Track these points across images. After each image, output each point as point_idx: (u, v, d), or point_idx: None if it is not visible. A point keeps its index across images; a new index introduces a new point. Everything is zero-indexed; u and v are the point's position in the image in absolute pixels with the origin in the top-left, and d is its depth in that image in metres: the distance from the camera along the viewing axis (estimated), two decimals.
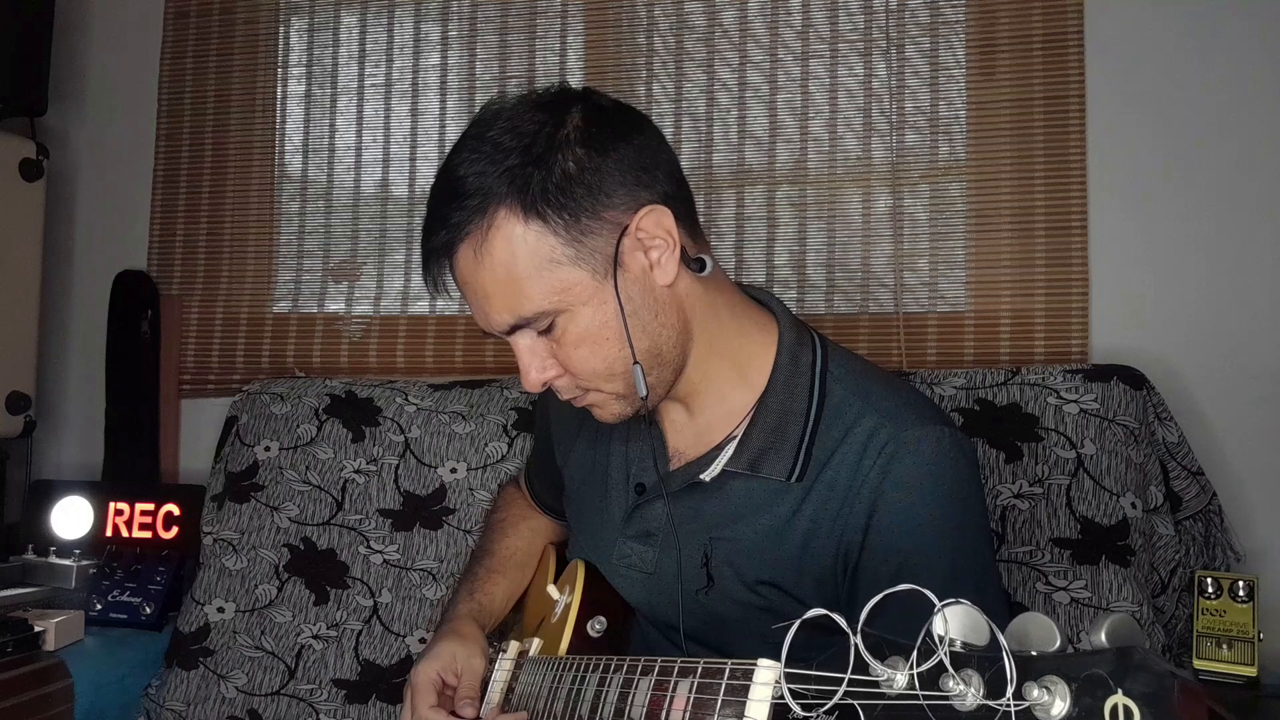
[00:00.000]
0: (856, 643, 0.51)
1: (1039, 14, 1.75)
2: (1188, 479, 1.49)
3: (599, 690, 0.85)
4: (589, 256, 0.89)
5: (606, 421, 0.99)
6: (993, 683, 0.47)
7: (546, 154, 0.88)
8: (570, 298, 0.89)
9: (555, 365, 0.94)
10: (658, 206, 0.91)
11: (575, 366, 0.93)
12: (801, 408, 0.97)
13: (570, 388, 0.96)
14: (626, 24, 1.94)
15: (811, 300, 1.83)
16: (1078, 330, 1.71)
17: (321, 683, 1.63)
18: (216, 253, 2.11)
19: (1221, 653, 1.37)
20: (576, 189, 0.88)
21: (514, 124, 0.91)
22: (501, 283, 0.89)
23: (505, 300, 0.90)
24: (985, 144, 1.77)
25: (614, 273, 0.90)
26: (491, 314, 0.91)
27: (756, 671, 0.63)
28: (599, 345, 0.91)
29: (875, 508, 0.91)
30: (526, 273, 0.88)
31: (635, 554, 1.05)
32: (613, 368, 0.93)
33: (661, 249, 0.92)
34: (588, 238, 0.89)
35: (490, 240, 0.88)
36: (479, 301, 0.92)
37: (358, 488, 1.72)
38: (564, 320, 0.90)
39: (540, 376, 0.94)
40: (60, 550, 1.83)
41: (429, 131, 2.03)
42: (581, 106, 0.92)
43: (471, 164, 0.90)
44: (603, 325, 0.91)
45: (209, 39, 2.13)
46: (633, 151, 0.92)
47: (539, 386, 0.95)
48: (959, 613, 0.50)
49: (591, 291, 0.90)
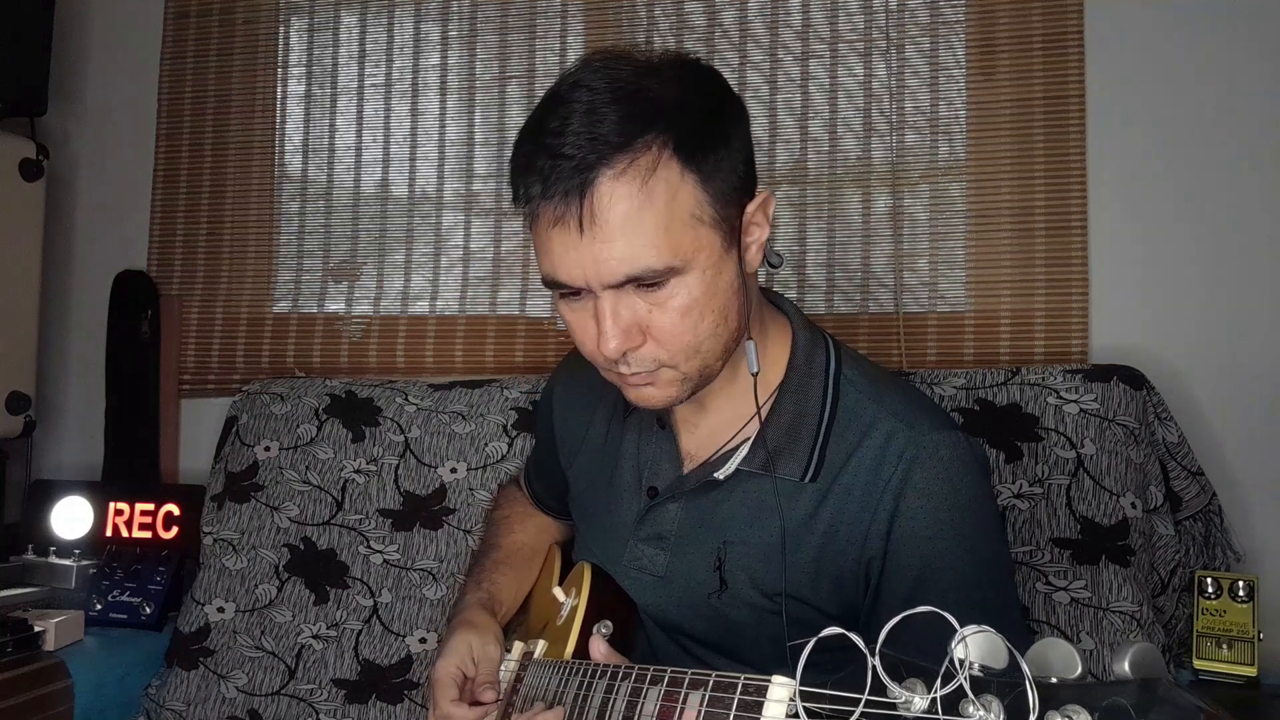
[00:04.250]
0: (875, 664, 0.50)
1: (1039, 14, 1.75)
2: (1188, 479, 1.49)
3: (606, 697, 0.84)
4: (722, 223, 0.88)
5: (650, 405, 0.95)
6: (1013, 709, 0.46)
7: (698, 111, 0.87)
8: (697, 260, 0.86)
9: (640, 333, 0.88)
10: (769, 193, 0.92)
11: (668, 336, 0.88)
12: (815, 408, 0.97)
13: (647, 360, 0.90)
14: (626, 24, 1.94)
15: (811, 300, 1.83)
16: (1078, 330, 1.71)
17: (321, 683, 1.63)
18: (216, 253, 2.11)
19: (1221, 653, 1.37)
20: (723, 152, 0.87)
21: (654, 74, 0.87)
22: (645, 227, 0.83)
23: (637, 246, 0.84)
24: (985, 144, 1.77)
25: (739, 245, 0.90)
26: (610, 260, 0.84)
27: (771, 689, 0.62)
28: (702, 316, 0.88)
29: (897, 513, 0.91)
30: (673, 223, 0.84)
31: (647, 557, 1.05)
32: (701, 343, 0.90)
33: (758, 235, 0.92)
34: (726, 205, 0.88)
35: (653, 181, 0.83)
36: (600, 245, 0.84)
37: (358, 488, 1.72)
38: (678, 283, 0.86)
39: (623, 344, 0.87)
40: (60, 550, 1.82)
41: (429, 131, 2.03)
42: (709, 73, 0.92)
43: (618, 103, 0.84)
44: (712, 296, 0.88)
45: (209, 39, 2.13)
46: (748, 132, 0.92)
47: (618, 354, 0.88)
48: (979, 635, 0.49)
49: (717, 257, 0.88)
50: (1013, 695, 0.46)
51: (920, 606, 0.51)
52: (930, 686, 0.49)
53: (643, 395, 0.94)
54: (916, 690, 0.49)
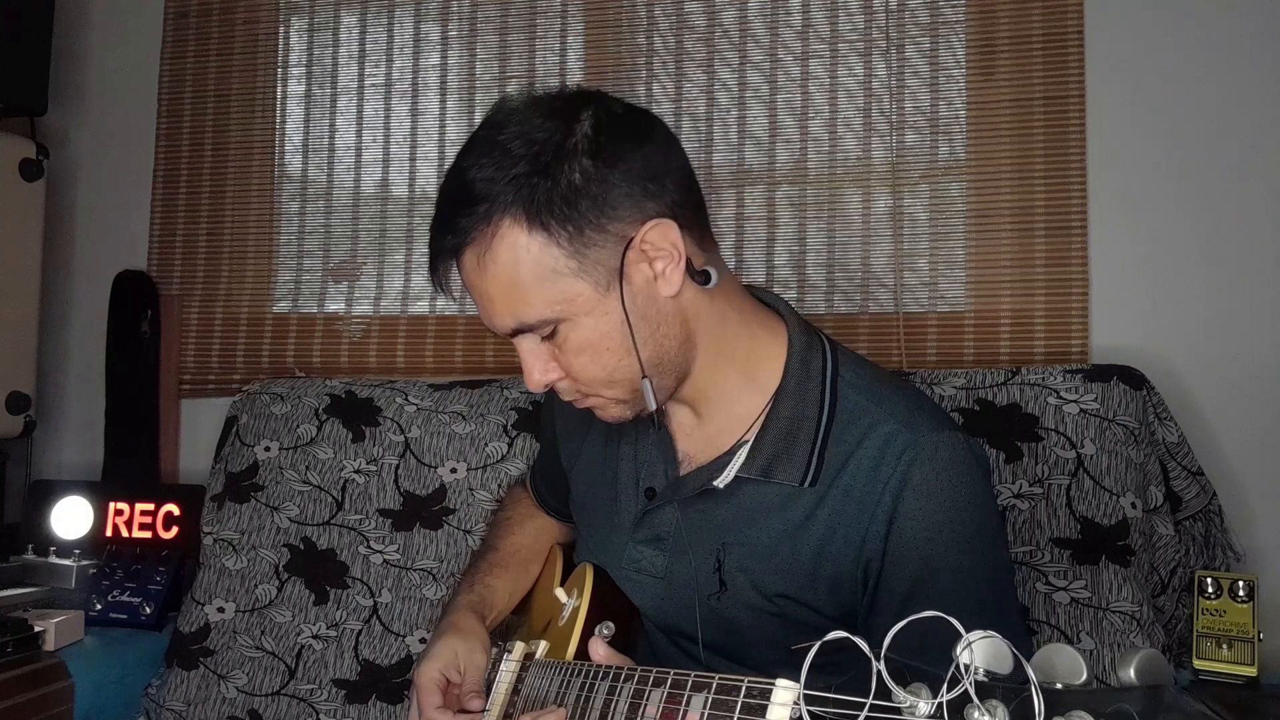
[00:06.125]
0: (880, 669, 0.50)
1: (1039, 14, 1.75)
2: (1188, 479, 1.49)
3: (609, 699, 0.84)
4: (592, 268, 0.89)
5: (611, 421, 1.00)
6: (1018, 715, 0.46)
7: (554, 164, 0.87)
8: (572, 308, 0.90)
9: (557, 369, 0.95)
10: (663, 220, 0.90)
11: (576, 373, 0.94)
12: (813, 412, 0.97)
13: (571, 390, 0.97)
14: (626, 24, 1.94)
15: (811, 300, 1.83)
16: (1078, 330, 1.71)
17: (321, 683, 1.63)
18: (216, 253, 2.11)
19: (1221, 653, 1.37)
20: (582, 201, 0.88)
21: (524, 129, 0.90)
22: (504, 289, 0.90)
23: (508, 306, 0.91)
24: (985, 144, 1.77)
25: (619, 286, 0.90)
26: (495, 317, 0.93)
27: (775, 692, 0.62)
28: (600, 354, 0.92)
29: (895, 514, 0.91)
30: (529, 282, 0.89)
31: (646, 558, 1.05)
32: (613, 375, 0.93)
33: (666, 261, 0.91)
34: (591, 250, 0.88)
35: (494, 248, 0.89)
36: (483, 304, 0.93)
37: (358, 488, 1.72)
38: (566, 328, 0.91)
39: (543, 379, 0.95)
40: (60, 550, 1.82)
41: (429, 131, 2.03)
42: (592, 113, 0.91)
43: (481, 169, 0.90)
44: (604, 335, 0.91)
45: (209, 39, 2.13)
46: (640, 162, 0.91)
47: (541, 388, 0.96)
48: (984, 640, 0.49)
49: (594, 303, 0.90)
50: (1018, 700, 0.46)
51: (919, 608, 0.51)
52: (935, 691, 0.49)
53: (597, 414, 1.00)
54: (921, 695, 0.49)
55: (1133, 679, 0.46)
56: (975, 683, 0.48)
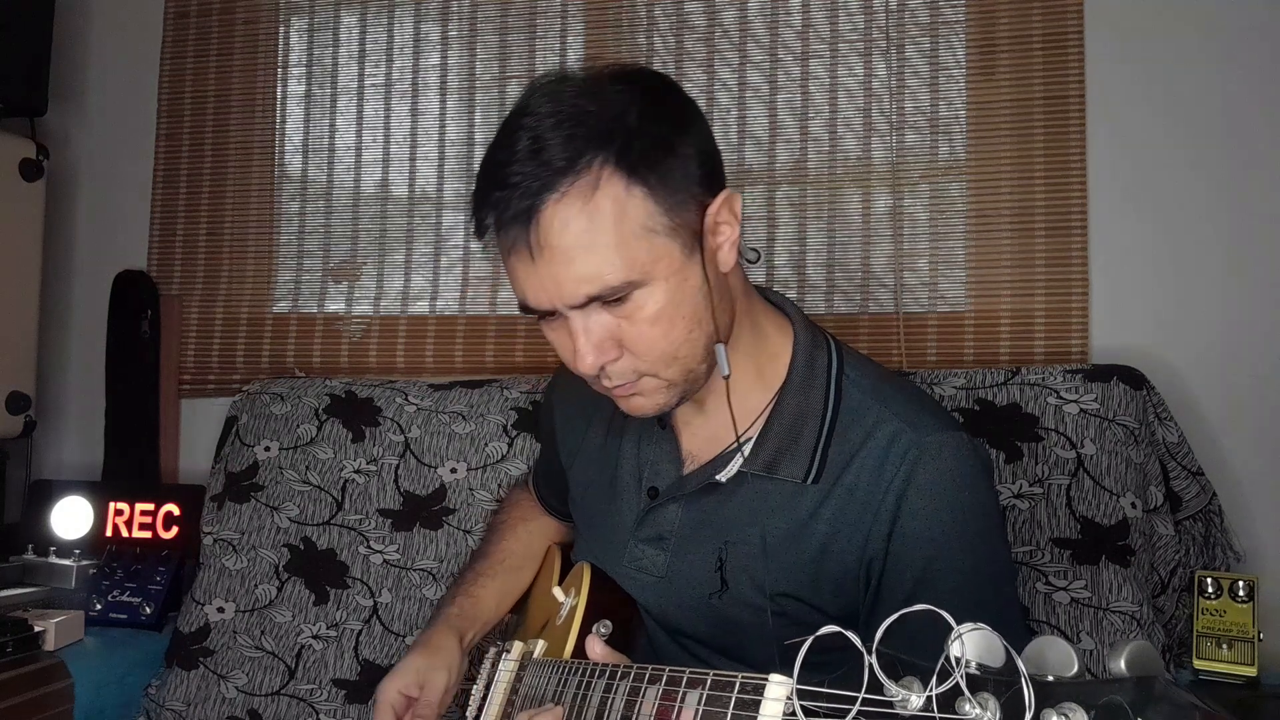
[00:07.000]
0: (871, 662, 0.50)
1: (1039, 14, 1.75)
2: (1188, 479, 1.49)
3: (605, 697, 0.84)
4: (680, 230, 0.87)
5: (642, 414, 0.96)
6: (1009, 707, 0.46)
7: (640, 124, 0.86)
8: (656, 270, 0.86)
9: (614, 347, 0.89)
10: (733, 191, 0.91)
11: (641, 347, 0.89)
12: (818, 409, 0.97)
13: (626, 372, 0.91)
14: (626, 24, 1.94)
15: (811, 300, 1.83)
16: (1078, 330, 1.71)
17: (321, 683, 1.63)
18: (216, 253, 2.11)
19: (1221, 653, 1.37)
20: (671, 160, 0.87)
21: (596, 93, 0.87)
22: (597, 246, 0.84)
23: (592, 266, 0.85)
24: (985, 144, 1.77)
25: (701, 250, 0.89)
26: (568, 282, 0.86)
27: (768, 687, 0.62)
28: (671, 325, 0.88)
29: (899, 514, 0.91)
30: (625, 237, 0.85)
31: (647, 558, 1.05)
32: (678, 350, 0.90)
33: (729, 234, 0.91)
34: (680, 211, 0.87)
35: (596, 200, 0.84)
36: (557, 268, 0.85)
37: (358, 488, 1.72)
38: (642, 295, 0.87)
39: (598, 359, 0.89)
40: (60, 550, 1.82)
41: (429, 131, 2.03)
42: (650, 85, 0.91)
43: (561, 127, 0.85)
44: (679, 304, 0.88)
45: (209, 39, 2.13)
46: (705, 133, 0.92)
47: (595, 369, 0.90)
48: (975, 633, 0.49)
49: (677, 266, 0.88)
50: (1009, 693, 0.46)
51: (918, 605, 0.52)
52: (927, 685, 0.49)
53: (633, 405, 0.95)
54: (913, 688, 0.49)
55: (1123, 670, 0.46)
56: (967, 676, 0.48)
